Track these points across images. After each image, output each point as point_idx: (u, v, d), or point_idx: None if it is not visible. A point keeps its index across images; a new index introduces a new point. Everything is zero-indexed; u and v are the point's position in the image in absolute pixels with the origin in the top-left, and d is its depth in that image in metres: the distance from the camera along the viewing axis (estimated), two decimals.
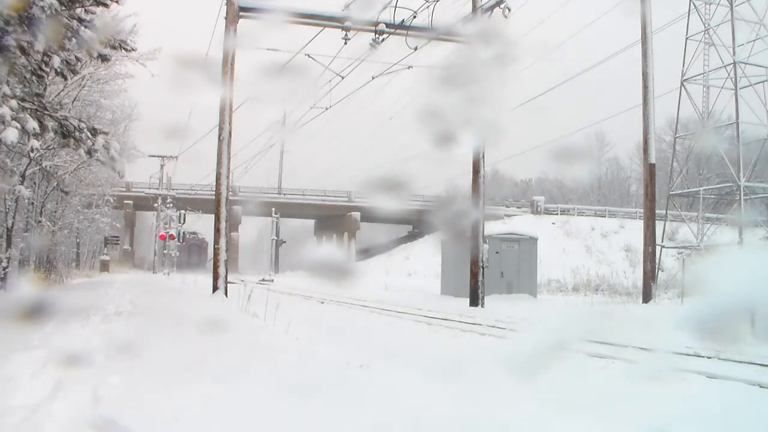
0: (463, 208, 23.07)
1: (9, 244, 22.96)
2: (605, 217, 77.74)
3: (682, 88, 36.58)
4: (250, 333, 11.52)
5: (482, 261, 25.54)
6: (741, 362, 9.31)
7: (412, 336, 14.38)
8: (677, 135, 39.13)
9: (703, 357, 9.91)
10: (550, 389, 5.72)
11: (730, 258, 2.48)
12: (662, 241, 35.26)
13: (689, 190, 41.21)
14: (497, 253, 32.17)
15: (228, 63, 22.37)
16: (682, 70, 36.55)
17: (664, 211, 37.43)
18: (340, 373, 7.41)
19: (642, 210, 28.60)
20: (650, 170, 26.23)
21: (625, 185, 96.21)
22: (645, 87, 25.72)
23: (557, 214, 78.24)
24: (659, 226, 31.13)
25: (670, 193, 38.63)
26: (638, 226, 39.32)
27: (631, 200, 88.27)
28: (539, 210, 78.66)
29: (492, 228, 34.80)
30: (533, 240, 36.01)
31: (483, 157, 25.48)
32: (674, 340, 11.43)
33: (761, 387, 7.74)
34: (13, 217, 23.40)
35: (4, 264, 22.28)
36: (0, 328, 8.82)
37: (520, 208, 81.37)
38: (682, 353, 10.23)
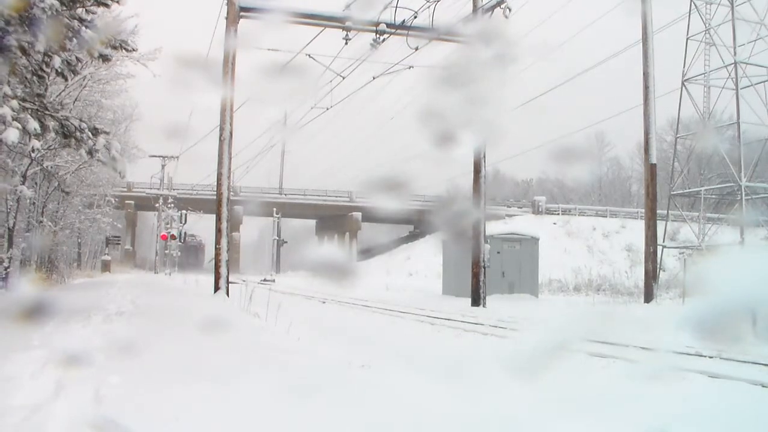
0: (464, 208, 23.09)
1: (11, 244, 22.99)
2: (606, 217, 77.82)
3: (683, 88, 36.56)
4: (252, 333, 11.51)
5: (484, 261, 25.52)
6: (743, 362, 9.30)
7: (414, 336, 14.39)
8: (678, 135, 39.12)
9: (704, 357, 9.90)
10: (551, 389, 5.71)
11: (730, 258, 2.46)
12: (664, 241, 35.20)
13: (690, 190, 41.22)
14: (498, 253, 32.16)
15: (229, 63, 22.37)
16: (683, 70, 36.54)
17: (665, 211, 37.39)
18: (342, 373, 7.40)
19: (643, 210, 28.59)
20: (651, 170, 26.22)
21: (626, 185, 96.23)
22: (646, 87, 25.73)
23: (558, 214, 78.30)
24: (660, 226, 31.09)
25: (672, 193, 38.59)
26: (640, 226, 39.35)
27: (633, 200, 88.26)
28: (540, 210, 78.72)
29: (493, 228, 34.81)
30: (535, 240, 36.00)
31: (484, 157, 25.48)
32: (676, 340, 11.43)
33: (763, 386, 7.73)
34: (15, 217, 23.43)
35: (5, 264, 22.31)
36: (0, 328, 8.81)
37: (521, 208, 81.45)
38: (684, 353, 10.23)
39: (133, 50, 14.76)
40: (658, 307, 24.58)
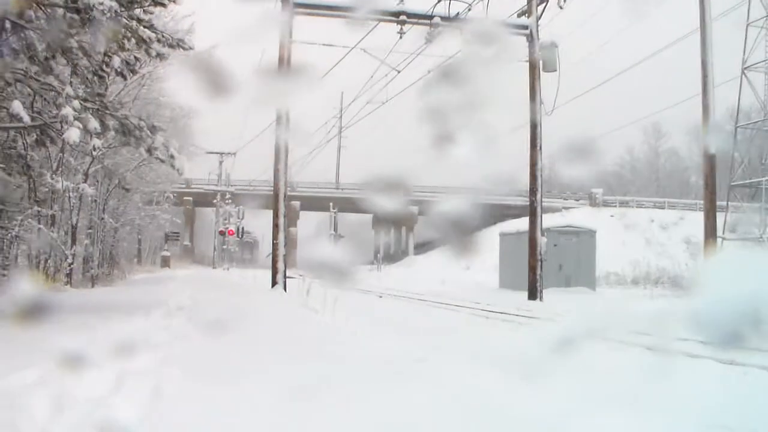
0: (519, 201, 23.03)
1: (74, 241, 23.45)
2: (664, 208, 76.80)
3: (743, 76, 35.89)
4: (308, 327, 11.60)
5: (540, 254, 25.32)
6: None
7: (470, 329, 14.36)
8: (738, 124, 38.37)
9: None
10: (606, 383, 5.68)
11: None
12: (724, 233, 34.63)
13: (751, 180, 40.39)
14: (555, 246, 31.88)
15: (284, 60, 22.54)
16: (743, 58, 35.88)
17: (725, 203, 36.73)
18: (398, 366, 7.42)
19: (702, 201, 28.11)
20: (710, 161, 25.75)
21: (684, 176, 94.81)
22: (704, 76, 25.23)
23: (616, 206, 77.47)
24: (720, 217, 30.59)
25: (732, 183, 37.91)
26: (699, 217, 38.68)
27: (691, 191, 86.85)
28: (597, 202, 77.92)
29: (550, 221, 34.50)
30: (591, 233, 35.70)
31: (540, 148, 25.28)
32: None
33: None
34: (78, 215, 23.90)
35: (69, 260, 22.76)
36: (64, 324, 8.99)
37: (578, 200, 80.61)
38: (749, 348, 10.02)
39: (190, 49, 14.92)
40: None
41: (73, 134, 12.51)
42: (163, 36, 14.07)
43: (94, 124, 12.96)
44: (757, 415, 5.94)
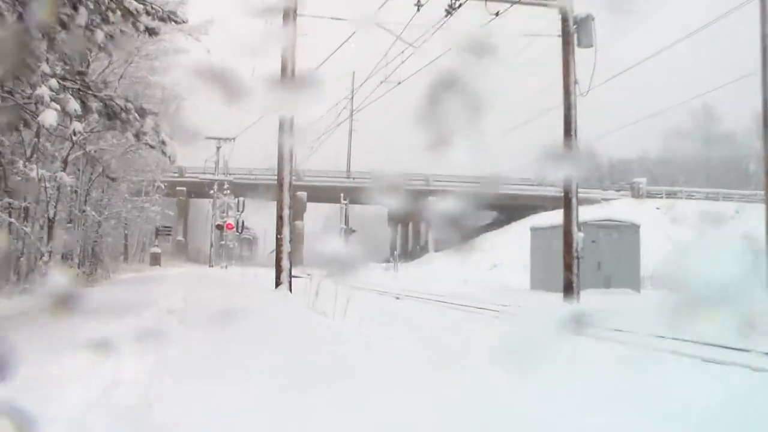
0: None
1: (51, 237, 23.44)
2: (718, 200, 76.20)
3: None
4: (318, 332, 11.62)
5: (577, 251, 25.03)
6: None
7: (496, 336, 14.30)
8: None
9: None
10: (642, 390, 5.66)
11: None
12: None
13: None
14: (593, 242, 31.49)
15: (289, 42, 22.49)
16: None
17: None
18: (410, 372, 7.42)
19: (763, 192, 27.79)
20: None
21: (741, 164, 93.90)
22: (764, 50, 24.96)
23: (662, 197, 77.08)
24: None
25: None
26: (759, 210, 38.18)
27: (750, 181, 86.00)
28: (641, 193, 77.54)
29: (587, 213, 34.17)
30: (635, 227, 35.43)
31: (575, 133, 25.07)
32: None
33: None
34: (55, 207, 23.88)
35: (45, 258, 22.78)
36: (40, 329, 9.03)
37: (618, 191, 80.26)
38: None
39: (183, 22, 14.94)
40: None
41: (49, 117, 12.54)
42: (152, 8, 14.08)
43: (73, 105, 12.99)
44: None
